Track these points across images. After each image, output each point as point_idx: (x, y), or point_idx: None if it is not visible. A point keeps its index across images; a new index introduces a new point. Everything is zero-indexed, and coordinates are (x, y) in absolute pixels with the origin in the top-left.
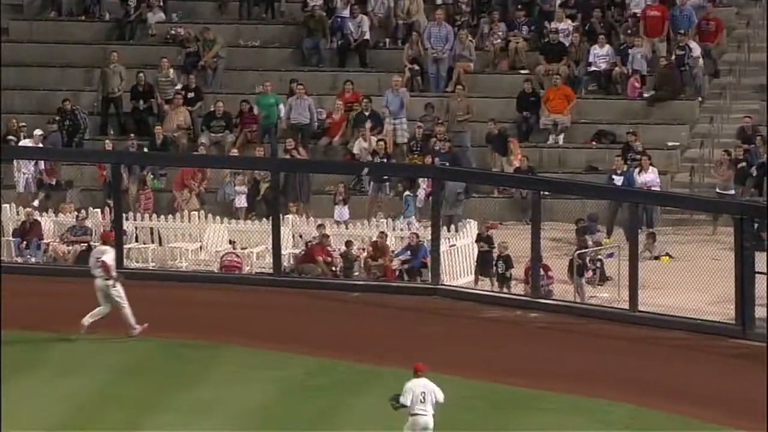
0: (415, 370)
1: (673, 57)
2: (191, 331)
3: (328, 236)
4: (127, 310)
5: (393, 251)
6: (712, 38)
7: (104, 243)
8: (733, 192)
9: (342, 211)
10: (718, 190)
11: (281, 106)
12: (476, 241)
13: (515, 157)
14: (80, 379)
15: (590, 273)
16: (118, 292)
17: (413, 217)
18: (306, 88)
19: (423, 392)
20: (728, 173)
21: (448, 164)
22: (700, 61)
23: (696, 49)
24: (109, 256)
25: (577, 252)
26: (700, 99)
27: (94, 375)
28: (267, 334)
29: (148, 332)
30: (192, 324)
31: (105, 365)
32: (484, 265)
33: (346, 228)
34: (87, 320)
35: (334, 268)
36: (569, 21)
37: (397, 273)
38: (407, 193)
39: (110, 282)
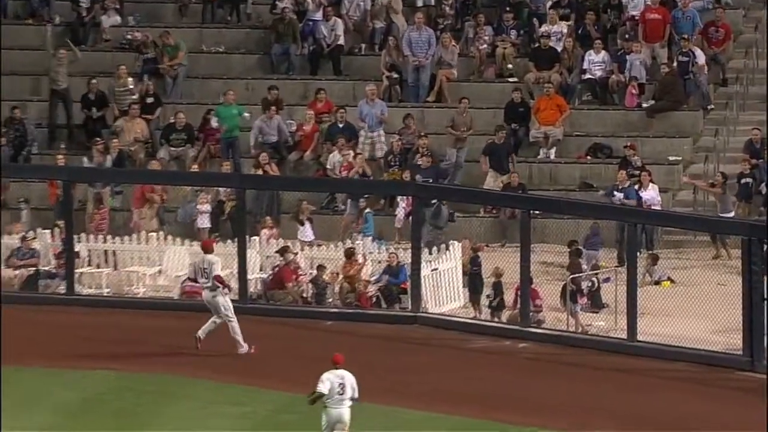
0: (334, 361)
1: (675, 64)
2: (149, 363)
3: (296, 259)
4: (236, 325)
5: (371, 276)
6: (719, 45)
7: (206, 251)
8: (732, 214)
9: (306, 231)
10: (719, 213)
11: (250, 118)
12: (466, 266)
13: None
14: (27, 417)
15: (584, 299)
16: (227, 304)
17: (372, 236)
18: (279, 101)
19: (341, 384)
20: (720, 193)
21: (431, 180)
22: (705, 68)
23: (701, 56)
24: (217, 266)
25: (571, 276)
26: (704, 109)
27: (42, 413)
28: (232, 366)
29: (106, 364)
30: (150, 356)
31: (54, 402)
32: (474, 291)
33: (311, 248)
34: (201, 334)
35: (304, 295)
36: (562, 23)
37: (374, 299)
38: (367, 210)
39: (218, 294)
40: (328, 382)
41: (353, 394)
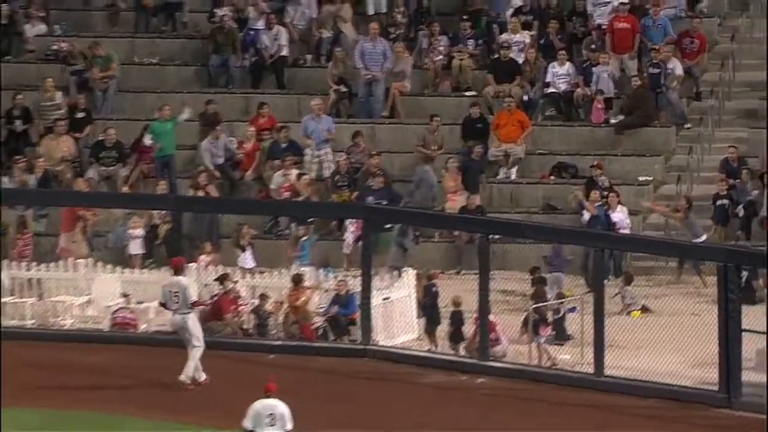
0: (266, 390)
1: (646, 76)
2: (76, 400)
3: (236, 287)
4: (200, 354)
5: (318, 306)
6: (694, 57)
7: (176, 272)
8: (703, 238)
9: (246, 258)
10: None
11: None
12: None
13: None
14: None
15: (548, 329)
16: (198, 331)
17: (309, 265)
18: (217, 117)
19: (271, 414)
20: (682, 219)
21: (384, 202)
22: (680, 81)
23: (677, 67)
24: (191, 290)
25: (534, 306)
26: (677, 126)
27: None
28: (168, 403)
29: (29, 401)
30: (77, 391)
31: None
32: (429, 322)
33: (253, 276)
34: (197, 374)
35: (245, 326)
36: (524, 33)
37: (320, 331)
38: (304, 237)
39: (189, 319)
40: (251, 417)
41: (285, 425)
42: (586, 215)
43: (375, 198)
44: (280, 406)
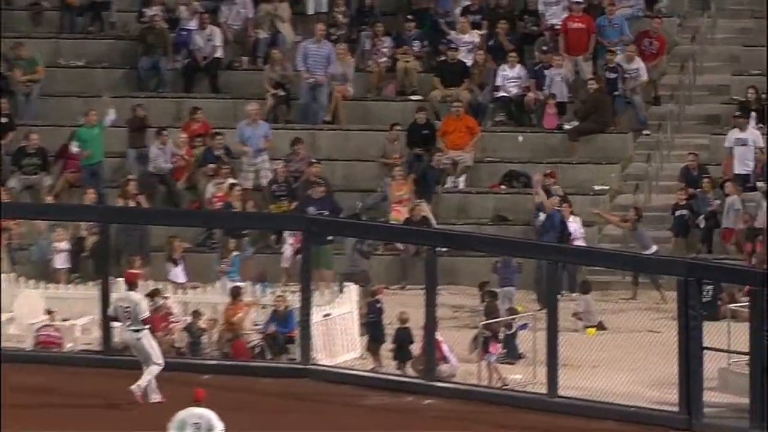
0: (195, 398)
1: (603, 79)
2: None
3: (167, 303)
4: (157, 372)
5: (255, 323)
6: (653, 59)
7: (129, 287)
8: (653, 249)
9: (178, 272)
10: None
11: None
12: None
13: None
14: None
15: (497, 348)
16: (155, 347)
17: (238, 280)
18: (146, 121)
19: (197, 423)
20: (630, 229)
21: (327, 213)
22: (636, 82)
23: (642, 69)
24: (143, 305)
25: (485, 322)
26: (634, 132)
27: None
28: (95, 427)
29: None
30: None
31: None
32: (373, 340)
33: (185, 291)
34: (152, 394)
35: (177, 344)
36: (474, 33)
37: (257, 350)
38: (235, 252)
39: (144, 336)
40: (181, 423)
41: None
42: (542, 216)
43: (316, 208)
44: (206, 415)
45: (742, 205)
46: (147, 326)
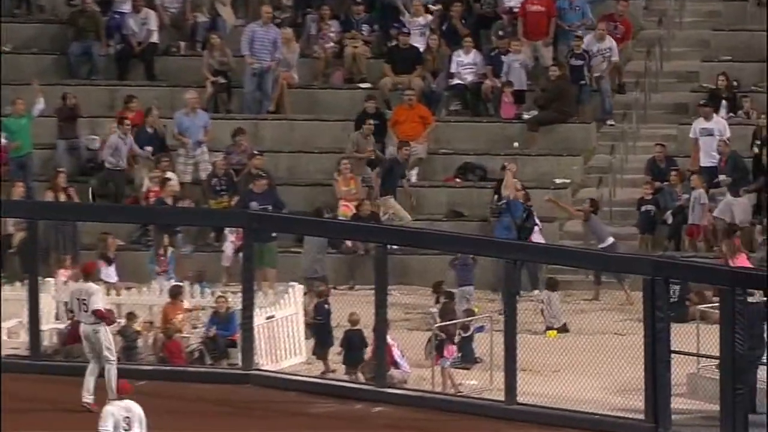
0: (120, 391)
1: (567, 66)
2: None
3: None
4: (114, 370)
5: (193, 325)
6: (617, 44)
7: (86, 278)
8: (610, 242)
9: (111, 272)
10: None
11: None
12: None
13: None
14: None
15: (452, 351)
16: (110, 343)
17: (173, 280)
18: (76, 110)
19: (127, 418)
20: (583, 221)
21: (271, 208)
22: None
23: (614, 49)
24: (97, 296)
25: (439, 324)
26: (598, 122)
27: None
28: None
29: None
30: None
31: None
32: (320, 343)
33: (119, 292)
34: (88, 398)
35: None
36: (428, 15)
37: (196, 354)
38: (171, 249)
39: (101, 329)
40: (111, 417)
41: (143, 428)
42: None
43: (258, 203)
44: (135, 409)
45: (708, 200)
46: (99, 320)
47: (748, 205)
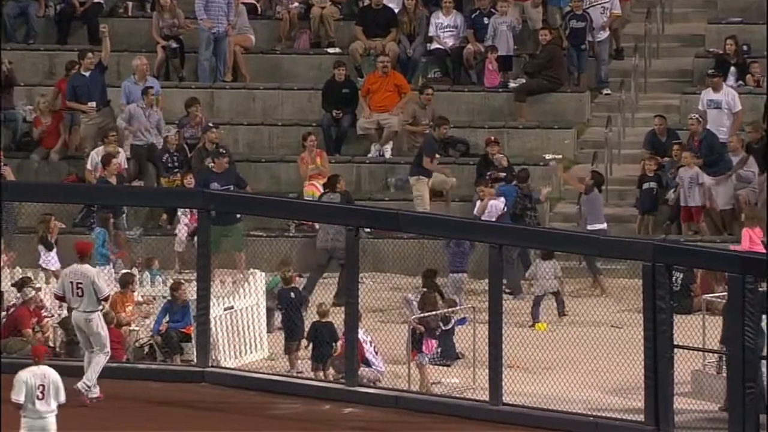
0: (34, 355)
1: (567, 31)
2: None
3: (39, 296)
4: (103, 362)
5: (141, 317)
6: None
7: (81, 258)
8: (601, 226)
9: (51, 258)
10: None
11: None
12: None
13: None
14: None
15: (432, 346)
16: (103, 326)
17: (110, 266)
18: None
19: (42, 386)
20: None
21: (233, 187)
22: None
23: (616, 4)
24: (99, 280)
25: (417, 317)
26: (592, 91)
27: None
28: None
29: None
30: None
31: None
32: (288, 337)
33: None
34: (88, 388)
35: (51, 344)
36: None
37: (146, 349)
38: (98, 228)
39: (96, 318)
40: (23, 386)
41: (59, 397)
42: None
43: (220, 184)
44: (51, 375)
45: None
46: (101, 307)
47: (730, 188)
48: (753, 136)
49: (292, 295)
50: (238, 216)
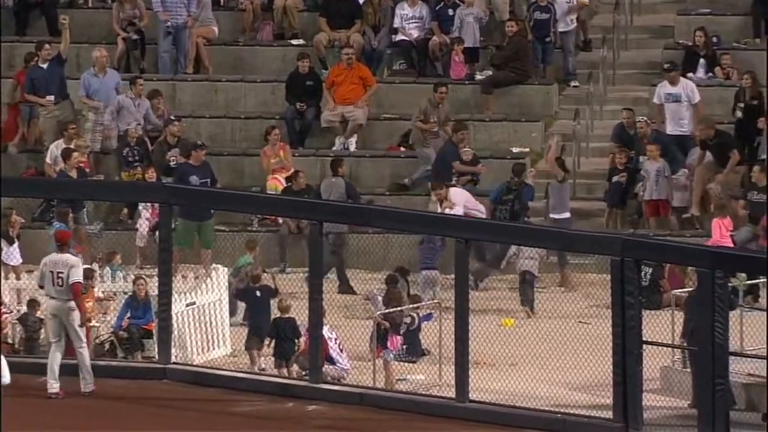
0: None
1: (531, 22)
2: None
3: None
4: (86, 354)
5: (101, 313)
6: None
7: (61, 248)
8: (566, 215)
9: (12, 253)
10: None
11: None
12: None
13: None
14: None
15: (397, 342)
16: (79, 321)
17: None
18: None
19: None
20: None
21: (203, 182)
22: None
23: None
24: (79, 270)
25: (382, 312)
26: (560, 83)
27: None
28: None
29: None
30: None
31: None
32: (251, 334)
33: (19, 276)
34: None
35: (10, 340)
36: None
37: (107, 346)
38: (56, 223)
39: (74, 309)
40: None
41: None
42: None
43: (199, 177)
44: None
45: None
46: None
47: (686, 184)
48: (706, 133)
49: (258, 293)
50: (212, 212)
